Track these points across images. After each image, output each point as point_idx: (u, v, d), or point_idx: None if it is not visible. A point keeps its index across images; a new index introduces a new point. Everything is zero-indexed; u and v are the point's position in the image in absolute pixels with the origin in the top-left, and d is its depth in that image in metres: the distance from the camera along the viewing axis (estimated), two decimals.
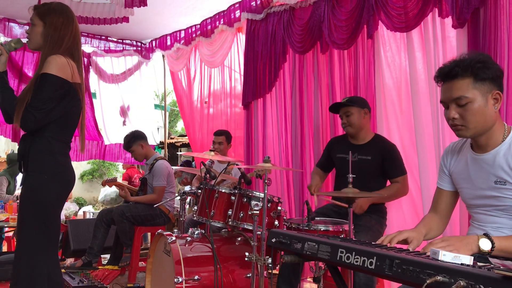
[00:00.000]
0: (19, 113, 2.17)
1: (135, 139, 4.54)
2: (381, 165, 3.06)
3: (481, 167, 1.81)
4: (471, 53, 1.78)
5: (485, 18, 2.76)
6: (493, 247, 1.59)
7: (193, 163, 7.14)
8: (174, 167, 4.69)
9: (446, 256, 1.30)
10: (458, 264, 1.27)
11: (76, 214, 8.25)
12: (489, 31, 2.73)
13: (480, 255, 1.61)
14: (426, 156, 3.15)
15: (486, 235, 1.62)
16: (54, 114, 2.25)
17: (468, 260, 1.30)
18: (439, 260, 1.29)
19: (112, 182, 4.78)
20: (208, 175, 3.09)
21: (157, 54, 6.40)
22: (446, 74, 1.73)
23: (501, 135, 1.77)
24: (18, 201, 2.57)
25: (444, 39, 3.06)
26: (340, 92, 3.80)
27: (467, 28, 2.86)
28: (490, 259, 1.60)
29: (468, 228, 1.95)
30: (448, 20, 3.00)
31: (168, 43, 6.01)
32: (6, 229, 5.07)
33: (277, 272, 2.89)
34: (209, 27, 5.22)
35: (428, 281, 1.17)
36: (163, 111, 6.87)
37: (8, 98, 2.24)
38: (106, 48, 6.22)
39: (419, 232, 1.83)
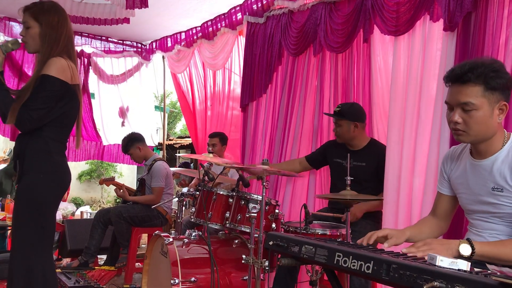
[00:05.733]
0: (14, 112, 2.15)
1: (132, 142, 4.54)
2: (376, 170, 3.07)
3: (479, 173, 1.81)
4: (484, 58, 1.76)
5: (475, 23, 2.76)
6: (473, 252, 1.61)
7: (192, 165, 7.11)
8: (172, 169, 4.68)
9: (444, 262, 1.30)
10: (455, 269, 1.27)
11: (73, 214, 8.21)
12: (479, 35, 2.73)
13: (477, 261, 1.61)
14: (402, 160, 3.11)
15: (468, 240, 1.64)
16: (51, 115, 2.24)
17: (465, 265, 1.30)
18: (436, 266, 1.29)
19: (109, 181, 4.77)
20: (206, 177, 3.09)
21: (157, 56, 6.39)
22: (458, 77, 1.69)
23: (501, 142, 1.76)
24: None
25: (431, 43, 3.00)
26: (330, 96, 3.77)
27: (457, 32, 2.84)
28: (488, 265, 1.60)
29: (466, 234, 1.95)
30: (436, 25, 2.95)
31: (169, 44, 6.01)
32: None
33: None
34: (210, 29, 5.22)
35: (425, 287, 1.17)
36: (162, 113, 6.86)
37: (3, 98, 2.22)
38: (106, 49, 6.19)
39: (402, 232, 1.85)
